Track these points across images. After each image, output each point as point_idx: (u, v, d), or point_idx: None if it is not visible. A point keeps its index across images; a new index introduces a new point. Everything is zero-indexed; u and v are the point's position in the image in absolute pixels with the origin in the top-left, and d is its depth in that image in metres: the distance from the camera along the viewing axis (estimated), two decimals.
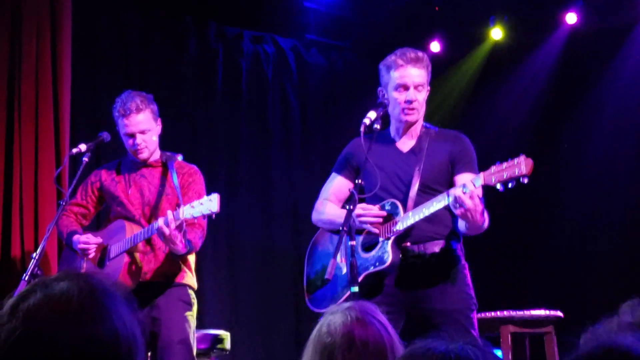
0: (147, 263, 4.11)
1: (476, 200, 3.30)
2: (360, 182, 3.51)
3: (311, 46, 7.28)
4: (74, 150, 4.29)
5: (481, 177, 3.34)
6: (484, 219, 3.43)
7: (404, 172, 3.72)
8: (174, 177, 4.11)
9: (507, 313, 5.07)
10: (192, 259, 4.25)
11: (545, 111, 6.98)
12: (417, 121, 3.77)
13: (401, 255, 3.61)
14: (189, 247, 4.01)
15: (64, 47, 5.29)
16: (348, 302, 2.18)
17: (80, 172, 4.15)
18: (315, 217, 3.95)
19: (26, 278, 3.77)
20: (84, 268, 4.16)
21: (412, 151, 3.77)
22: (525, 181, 3.23)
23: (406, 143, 3.80)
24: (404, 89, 3.67)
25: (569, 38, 6.83)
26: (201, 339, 4.93)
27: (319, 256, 3.91)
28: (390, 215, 3.63)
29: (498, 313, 5.06)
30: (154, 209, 4.15)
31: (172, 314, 4.06)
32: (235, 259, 6.58)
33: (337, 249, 3.28)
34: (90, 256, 4.15)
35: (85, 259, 4.19)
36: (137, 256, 4.09)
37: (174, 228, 3.83)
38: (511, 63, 7.10)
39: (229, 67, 6.78)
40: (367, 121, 3.57)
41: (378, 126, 3.58)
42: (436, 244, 3.65)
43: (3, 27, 5.14)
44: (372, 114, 3.58)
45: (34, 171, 5.07)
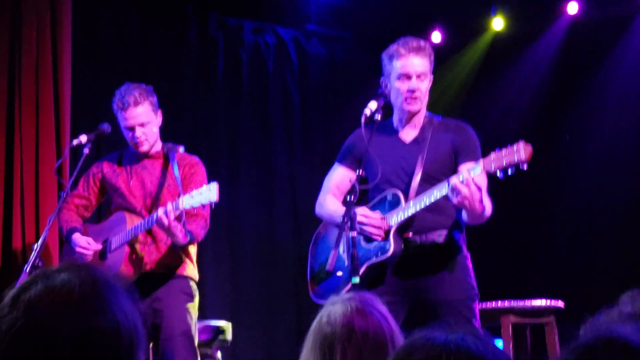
0: (149, 255, 4.11)
1: (473, 187, 3.28)
2: (361, 173, 3.50)
3: (312, 36, 7.26)
4: (75, 141, 4.29)
5: (480, 165, 3.33)
6: (483, 207, 3.40)
7: (407, 163, 3.71)
8: (175, 169, 4.11)
9: (508, 303, 5.06)
10: (193, 251, 4.25)
11: (546, 101, 6.97)
12: (420, 111, 3.76)
13: (403, 245, 3.61)
14: (190, 238, 4.01)
15: (64, 36, 5.27)
16: (348, 293, 2.19)
17: (81, 164, 4.16)
18: (317, 210, 3.95)
19: (27, 269, 3.78)
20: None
21: (415, 141, 3.75)
22: (524, 167, 3.22)
23: (409, 133, 3.78)
24: (407, 78, 3.65)
25: (570, 28, 6.81)
26: (202, 330, 4.94)
27: (323, 249, 3.91)
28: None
29: (499, 303, 5.06)
30: (155, 200, 4.15)
31: (174, 306, 4.07)
32: (236, 250, 6.58)
33: (339, 241, 3.28)
34: (87, 260, 4.13)
35: None
36: (138, 247, 4.09)
37: (174, 218, 3.84)
38: (512, 53, 7.08)
39: (230, 58, 6.76)
40: (368, 112, 3.56)
41: (379, 117, 3.58)
42: (438, 234, 3.64)
43: (2, 6, 5.12)
44: (373, 105, 3.58)
45: (35, 163, 5.07)
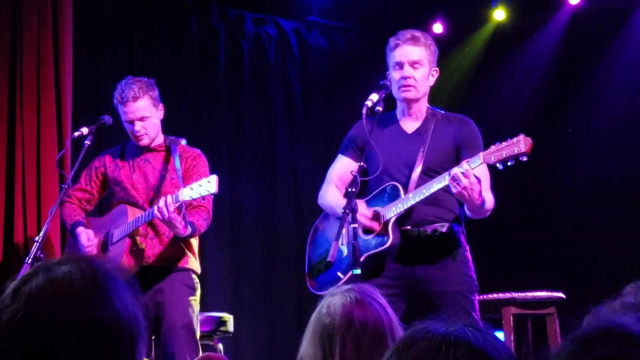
0: (151, 248, 4.12)
1: (472, 179, 3.30)
2: (362, 165, 3.51)
3: (313, 28, 7.25)
4: (76, 133, 4.30)
5: (480, 157, 3.35)
6: (483, 199, 3.41)
7: (408, 154, 3.72)
8: (177, 161, 4.11)
9: (509, 295, 5.06)
10: (195, 243, 4.25)
11: (548, 92, 6.96)
12: (418, 100, 3.77)
13: (401, 237, 3.61)
14: (192, 230, 4.01)
15: (65, 29, 5.27)
16: (348, 284, 2.19)
17: (82, 156, 4.16)
18: (319, 201, 3.95)
19: (29, 261, 3.79)
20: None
21: (418, 132, 3.77)
22: (524, 159, 3.24)
23: (411, 124, 3.80)
24: (400, 67, 3.69)
25: (572, 19, 6.80)
26: (204, 322, 4.94)
27: (321, 241, 3.92)
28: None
29: (500, 295, 5.06)
30: (157, 193, 4.14)
31: (176, 299, 4.08)
32: (238, 242, 6.58)
33: (340, 232, 3.29)
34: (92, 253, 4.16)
35: None
36: (139, 240, 4.10)
37: (173, 210, 3.84)
38: (514, 44, 7.06)
39: (231, 49, 6.75)
40: (369, 103, 3.57)
41: (380, 108, 3.58)
42: (436, 227, 3.65)
43: (4, 6, 5.12)
44: (374, 96, 3.58)
45: (36, 155, 5.07)
